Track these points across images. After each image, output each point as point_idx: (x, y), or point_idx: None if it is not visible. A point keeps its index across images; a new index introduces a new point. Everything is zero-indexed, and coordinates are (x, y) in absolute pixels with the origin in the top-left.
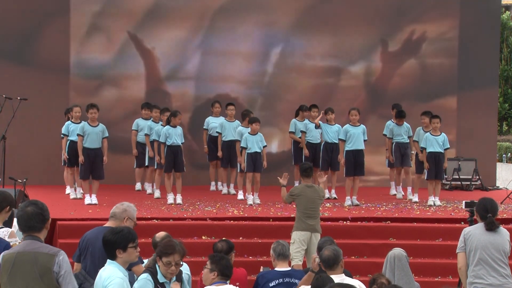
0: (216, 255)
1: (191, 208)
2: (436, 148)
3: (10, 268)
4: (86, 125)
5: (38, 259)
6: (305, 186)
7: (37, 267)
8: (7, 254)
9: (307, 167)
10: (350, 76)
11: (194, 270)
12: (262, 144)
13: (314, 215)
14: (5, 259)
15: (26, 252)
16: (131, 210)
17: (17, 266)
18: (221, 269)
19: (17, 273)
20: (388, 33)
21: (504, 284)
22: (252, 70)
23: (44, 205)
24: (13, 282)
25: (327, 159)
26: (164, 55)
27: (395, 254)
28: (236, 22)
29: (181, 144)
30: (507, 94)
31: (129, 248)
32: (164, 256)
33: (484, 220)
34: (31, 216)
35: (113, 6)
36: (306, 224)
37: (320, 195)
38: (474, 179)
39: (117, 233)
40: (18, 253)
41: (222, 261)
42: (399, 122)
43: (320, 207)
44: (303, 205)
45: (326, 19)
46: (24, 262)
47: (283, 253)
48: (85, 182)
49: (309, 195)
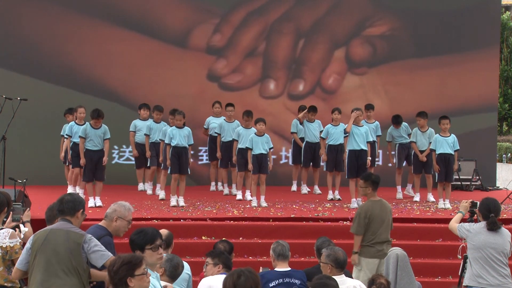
0: (214, 251)
1: (191, 208)
2: (446, 150)
3: (41, 242)
4: (88, 127)
5: (70, 236)
6: (372, 202)
7: (69, 243)
8: (39, 232)
9: (378, 180)
10: None
11: (194, 270)
12: (269, 146)
13: (384, 238)
14: (37, 236)
15: (59, 229)
16: (122, 209)
17: (49, 240)
18: (224, 261)
19: (49, 246)
20: None
21: (503, 284)
22: None
23: (79, 197)
24: (44, 255)
25: (332, 160)
26: None
27: (398, 254)
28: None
29: (189, 145)
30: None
31: (146, 250)
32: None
33: (487, 220)
34: (64, 202)
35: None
36: (375, 250)
37: (389, 209)
38: (474, 179)
39: (137, 233)
40: (52, 230)
41: (223, 255)
42: (396, 126)
43: (391, 225)
44: (372, 229)
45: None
46: (57, 237)
47: (283, 253)
48: (88, 185)
49: (377, 213)
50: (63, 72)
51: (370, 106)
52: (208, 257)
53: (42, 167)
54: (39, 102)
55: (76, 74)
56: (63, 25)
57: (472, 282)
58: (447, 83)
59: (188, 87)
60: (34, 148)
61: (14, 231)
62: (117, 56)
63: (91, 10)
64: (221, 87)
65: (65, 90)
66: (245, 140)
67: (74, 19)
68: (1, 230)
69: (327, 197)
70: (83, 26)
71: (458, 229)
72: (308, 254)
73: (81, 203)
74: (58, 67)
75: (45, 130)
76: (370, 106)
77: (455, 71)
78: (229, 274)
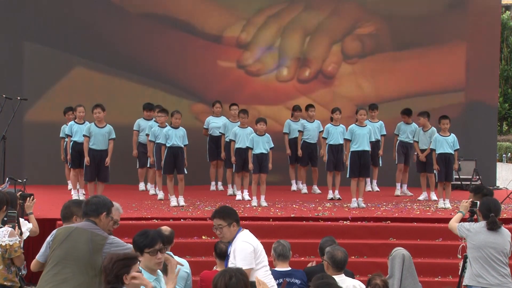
0: (221, 254)
1: (191, 208)
2: (446, 149)
3: (64, 238)
4: (92, 126)
5: (93, 237)
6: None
7: (92, 243)
8: (64, 227)
9: (491, 193)
10: None
11: (194, 270)
12: (269, 146)
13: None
14: (60, 231)
15: (84, 229)
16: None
17: (73, 238)
18: (236, 218)
19: (69, 243)
20: None
21: (503, 283)
22: None
23: (105, 200)
24: (62, 250)
25: (333, 160)
26: None
27: (404, 254)
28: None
29: (184, 146)
30: (507, 94)
31: (145, 253)
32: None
33: (487, 219)
34: (90, 203)
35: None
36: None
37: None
38: (474, 179)
39: (139, 235)
40: (77, 228)
41: (229, 210)
42: (406, 120)
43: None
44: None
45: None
46: (80, 236)
47: (283, 253)
48: (90, 184)
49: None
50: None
51: (374, 106)
52: (217, 258)
53: (42, 167)
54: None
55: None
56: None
57: (472, 282)
58: (419, 70)
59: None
60: (34, 148)
61: (13, 230)
62: (167, 50)
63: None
64: (247, 73)
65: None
66: (242, 140)
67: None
68: (0, 228)
69: (327, 196)
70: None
71: (458, 228)
72: (308, 254)
73: (105, 205)
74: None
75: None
76: (374, 106)
77: (426, 61)
78: (219, 274)
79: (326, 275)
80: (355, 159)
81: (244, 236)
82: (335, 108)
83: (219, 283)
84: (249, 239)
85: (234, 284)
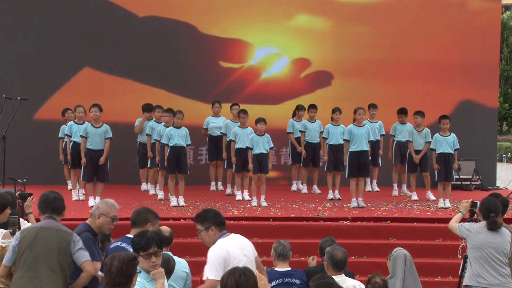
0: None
1: (191, 208)
2: (446, 149)
3: (31, 240)
4: (89, 126)
5: (59, 234)
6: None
7: (58, 241)
8: (28, 228)
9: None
10: None
11: (194, 270)
12: (269, 146)
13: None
14: (25, 233)
15: (49, 227)
16: (105, 206)
17: (39, 238)
18: (215, 220)
19: (38, 244)
20: None
21: (503, 283)
22: None
23: (61, 196)
24: (32, 252)
25: (333, 160)
26: None
27: (405, 254)
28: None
29: (187, 145)
30: (507, 94)
31: (140, 256)
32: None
33: (487, 220)
34: (54, 200)
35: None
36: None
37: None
38: (474, 179)
39: (136, 236)
40: (41, 227)
41: (209, 213)
42: (402, 120)
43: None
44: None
45: None
46: (47, 235)
47: (283, 253)
48: (89, 184)
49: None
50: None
51: (373, 105)
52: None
53: (42, 167)
54: None
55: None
56: None
57: (472, 282)
58: (419, 70)
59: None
60: (34, 148)
61: (7, 232)
62: (167, 50)
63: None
64: (247, 73)
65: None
66: (242, 140)
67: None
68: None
69: (327, 196)
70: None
71: (458, 228)
72: (308, 254)
73: (63, 201)
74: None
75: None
76: (373, 106)
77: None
78: (228, 273)
79: (326, 275)
80: (354, 159)
81: (218, 243)
82: (335, 108)
83: (230, 282)
84: (222, 246)
85: (245, 282)
